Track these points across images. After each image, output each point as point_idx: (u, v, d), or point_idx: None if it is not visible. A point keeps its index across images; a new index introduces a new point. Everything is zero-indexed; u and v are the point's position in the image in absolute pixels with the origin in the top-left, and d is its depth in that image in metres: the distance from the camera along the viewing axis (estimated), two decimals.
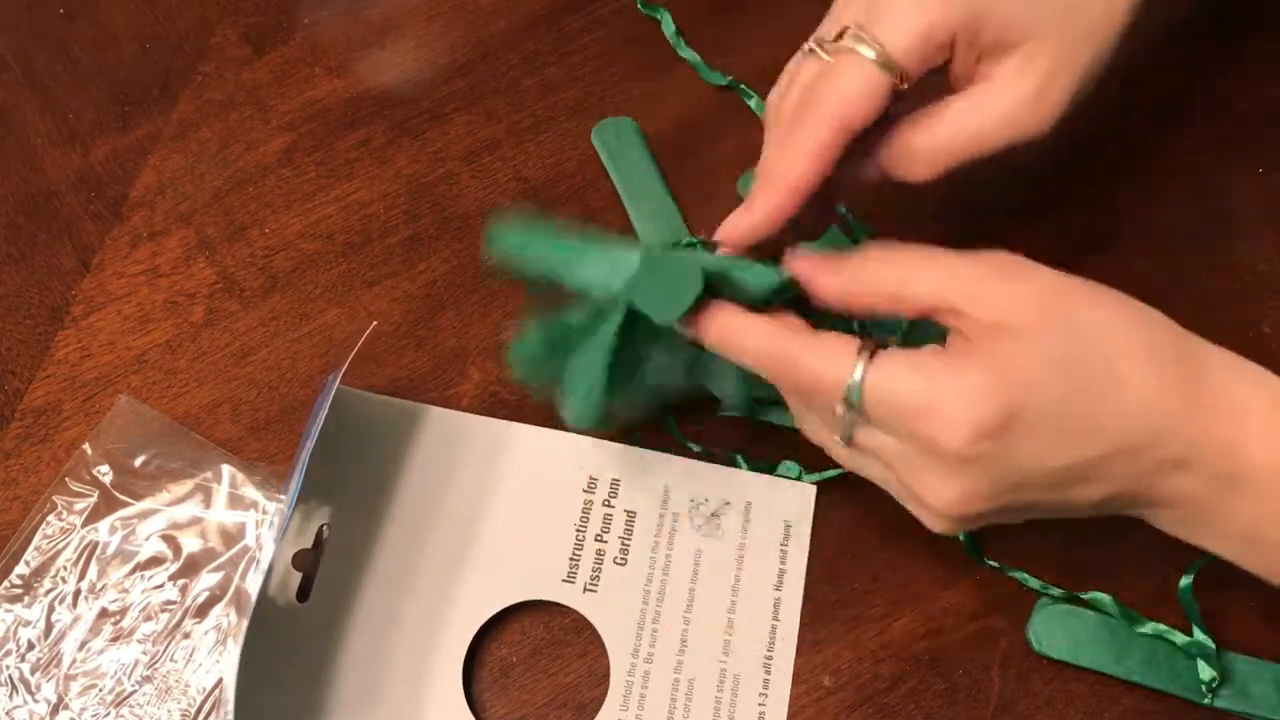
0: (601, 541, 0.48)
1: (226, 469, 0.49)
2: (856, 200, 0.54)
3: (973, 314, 0.36)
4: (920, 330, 0.46)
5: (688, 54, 0.58)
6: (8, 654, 0.46)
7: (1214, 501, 0.37)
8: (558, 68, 0.58)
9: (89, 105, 0.57)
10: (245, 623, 0.42)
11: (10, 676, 0.46)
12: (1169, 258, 0.54)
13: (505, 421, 0.50)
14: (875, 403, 0.37)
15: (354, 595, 0.47)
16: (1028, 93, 0.40)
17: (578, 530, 0.48)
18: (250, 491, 0.49)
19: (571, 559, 0.48)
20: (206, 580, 0.47)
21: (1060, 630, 0.47)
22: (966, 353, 0.36)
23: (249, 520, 0.48)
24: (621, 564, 0.48)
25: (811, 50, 0.41)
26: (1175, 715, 0.46)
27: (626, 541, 0.48)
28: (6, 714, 0.45)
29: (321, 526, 0.47)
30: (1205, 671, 0.45)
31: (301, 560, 0.47)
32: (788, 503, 0.49)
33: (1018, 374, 0.35)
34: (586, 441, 0.50)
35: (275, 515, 0.48)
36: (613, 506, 0.49)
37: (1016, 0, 0.40)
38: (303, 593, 0.46)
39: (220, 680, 0.46)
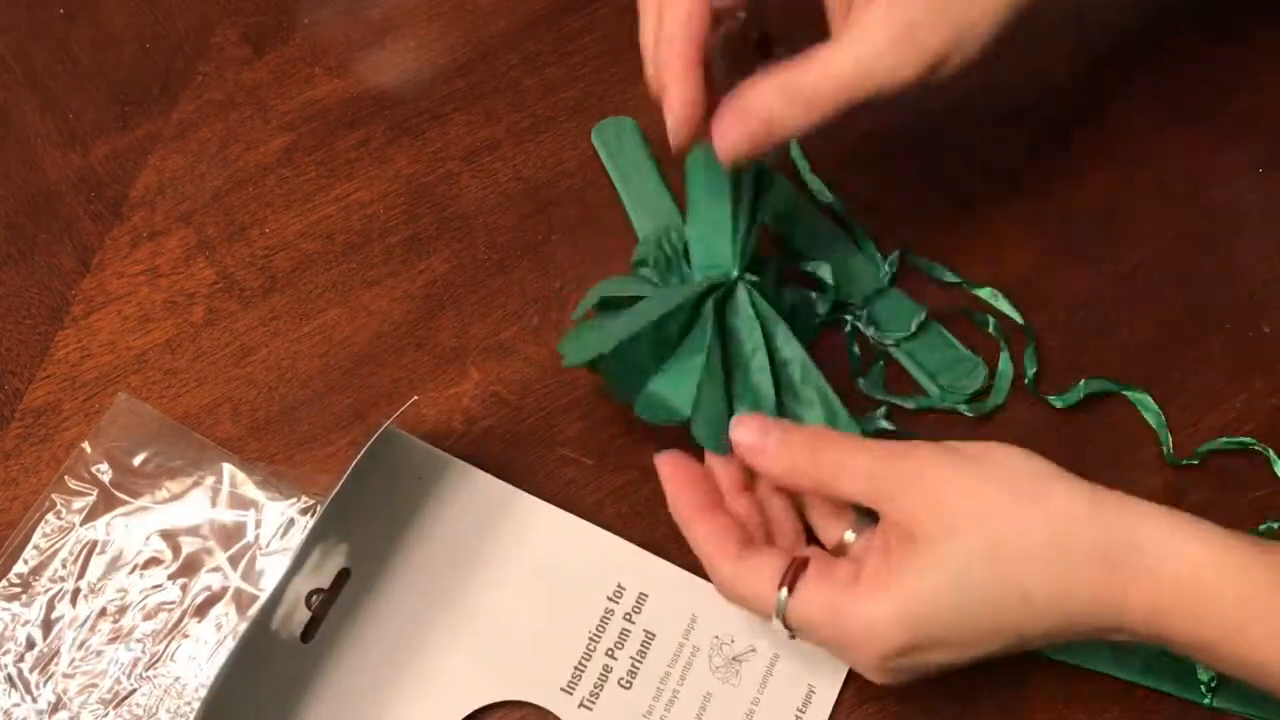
0: (611, 657, 0.46)
1: (226, 468, 0.49)
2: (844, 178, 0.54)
3: (891, 517, 0.39)
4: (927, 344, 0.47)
5: None
6: (6, 653, 0.46)
7: (1147, 637, 0.38)
8: (558, 68, 0.58)
9: (89, 105, 0.57)
10: (238, 641, 0.41)
11: (9, 675, 0.46)
12: (1169, 258, 0.54)
13: (544, 503, 0.48)
14: (800, 627, 0.40)
15: (350, 651, 0.45)
16: (884, 43, 0.41)
17: (591, 638, 0.46)
18: (250, 490, 0.49)
19: (576, 668, 0.45)
20: (206, 580, 0.47)
21: None
22: (877, 575, 0.39)
23: (249, 519, 0.48)
24: (626, 687, 0.45)
25: None
26: (1175, 715, 0.46)
27: (638, 664, 0.46)
28: (4, 713, 0.45)
29: (342, 570, 0.46)
30: (1205, 671, 0.45)
31: (314, 598, 0.46)
32: (818, 665, 0.46)
33: (921, 599, 0.38)
34: (625, 545, 0.47)
35: (282, 519, 0.48)
36: (633, 622, 0.46)
37: None
38: (308, 632, 0.45)
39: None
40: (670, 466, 0.44)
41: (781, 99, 0.41)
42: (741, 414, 0.44)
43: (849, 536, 0.42)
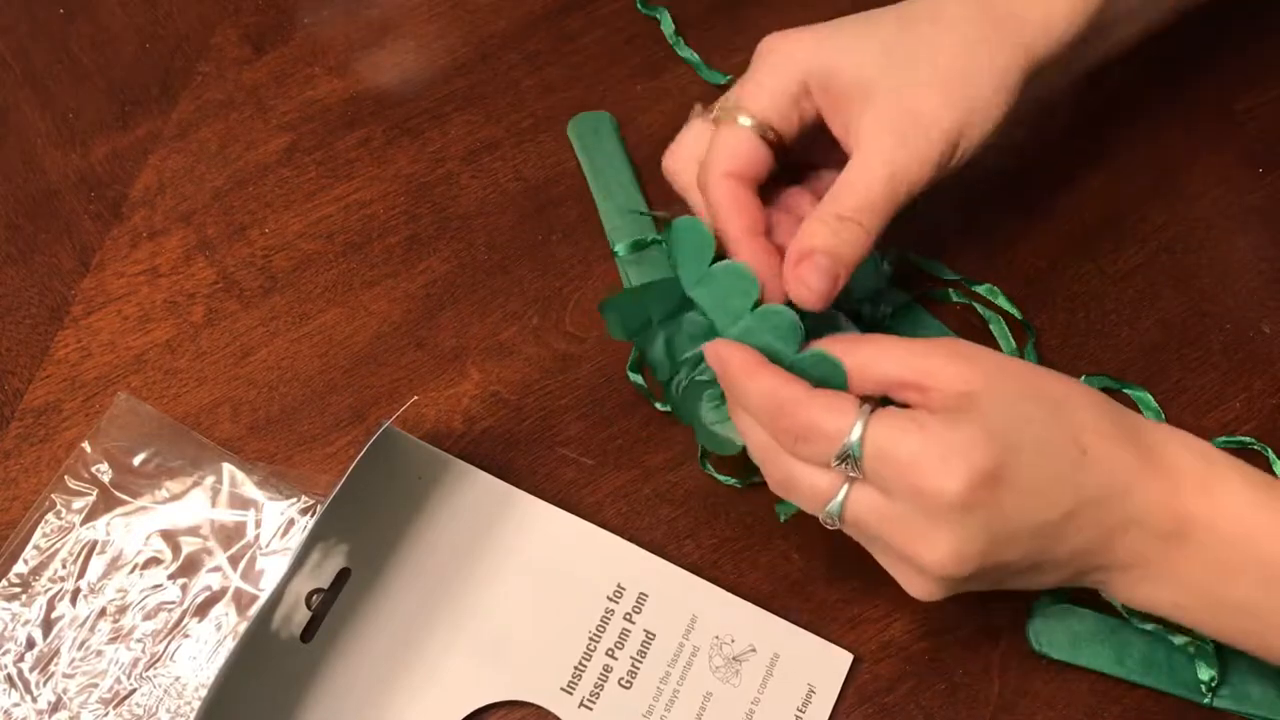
0: (612, 657, 0.46)
1: (226, 468, 0.49)
2: None
3: (937, 387, 0.38)
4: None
5: (687, 53, 0.58)
6: (6, 653, 0.46)
7: (1162, 559, 0.39)
8: (558, 68, 0.58)
9: (89, 105, 0.57)
10: (239, 640, 0.41)
11: (9, 675, 0.46)
12: (1169, 258, 0.54)
13: (544, 503, 0.48)
14: (874, 455, 0.38)
15: (350, 651, 0.45)
16: (893, 139, 0.42)
17: (591, 639, 0.46)
18: (250, 490, 0.49)
19: (577, 668, 0.46)
20: (206, 580, 0.47)
21: (1060, 630, 0.47)
22: (953, 411, 0.38)
23: (249, 519, 0.48)
24: (626, 687, 0.45)
25: (700, 118, 0.45)
26: (1175, 715, 0.46)
27: (638, 664, 0.46)
28: (4, 712, 0.45)
29: (342, 570, 0.46)
30: (1205, 671, 0.45)
31: (314, 597, 0.46)
32: (818, 664, 0.46)
33: (1007, 431, 0.37)
34: (625, 545, 0.47)
35: (282, 519, 0.48)
36: (633, 622, 0.46)
37: (858, 52, 0.43)
38: (308, 631, 0.45)
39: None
40: (722, 344, 0.43)
41: (837, 235, 0.42)
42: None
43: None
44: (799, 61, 0.43)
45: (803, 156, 0.46)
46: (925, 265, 0.53)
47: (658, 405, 0.50)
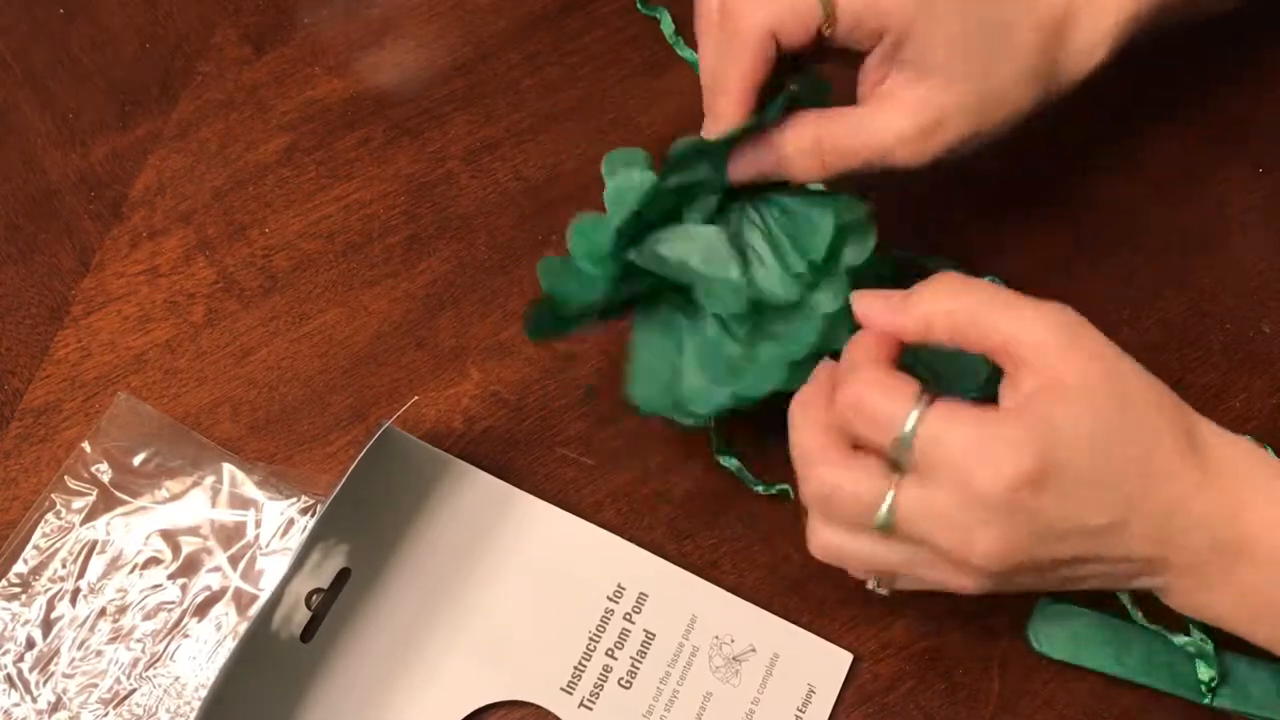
0: (611, 657, 0.46)
1: (226, 468, 0.49)
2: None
3: (1036, 365, 0.38)
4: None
5: (687, 53, 0.58)
6: (6, 653, 0.46)
7: (1220, 570, 0.38)
8: (558, 68, 0.58)
9: (89, 105, 0.57)
10: (239, 640, 0.41)
11: (9, 675, 0.46)
12: (1169, 258, 0.54)
13: (544, 503, 0.48)
14: (926, 443, 0.38)
15: (350, 651, 0.45)
16: (913, 130, 0.43)
17: (591, 638, 0.46)
18: (250, 490, 0.49)
19: (576, 668, 0.46)
20: (206, 580, 0.47)
21: (1060, 630, 0.47)
22: (1017, 406, 0.38)
23: (249, 519, 0.48)
24: (626, 687, 0.45)
25: None
26: (1175, 715, 0.46)
27: (638, 664, 0.46)
28: (4, 712, 0.45)
29: (342, 570, 0.46)
30: (1205, 671, 0.45)
31: (314, 597, 0.46)
32: (818, 664, 0.46)
33: (1061, 434, 0.37)
34: (625, 545, 0.47)
35: (282, 519, 0.48)
36: (633, 622, 0.46)
37: (948, 36, 0.42)
38: (308, 631, 0.45)
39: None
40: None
41: (801, 147, 0.43)
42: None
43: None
44: (903, 4, 0.42)
45: None
46: (925, 262, 0.53)
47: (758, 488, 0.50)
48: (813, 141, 0.43)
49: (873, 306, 0.41)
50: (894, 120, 0.43)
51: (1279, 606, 0.39)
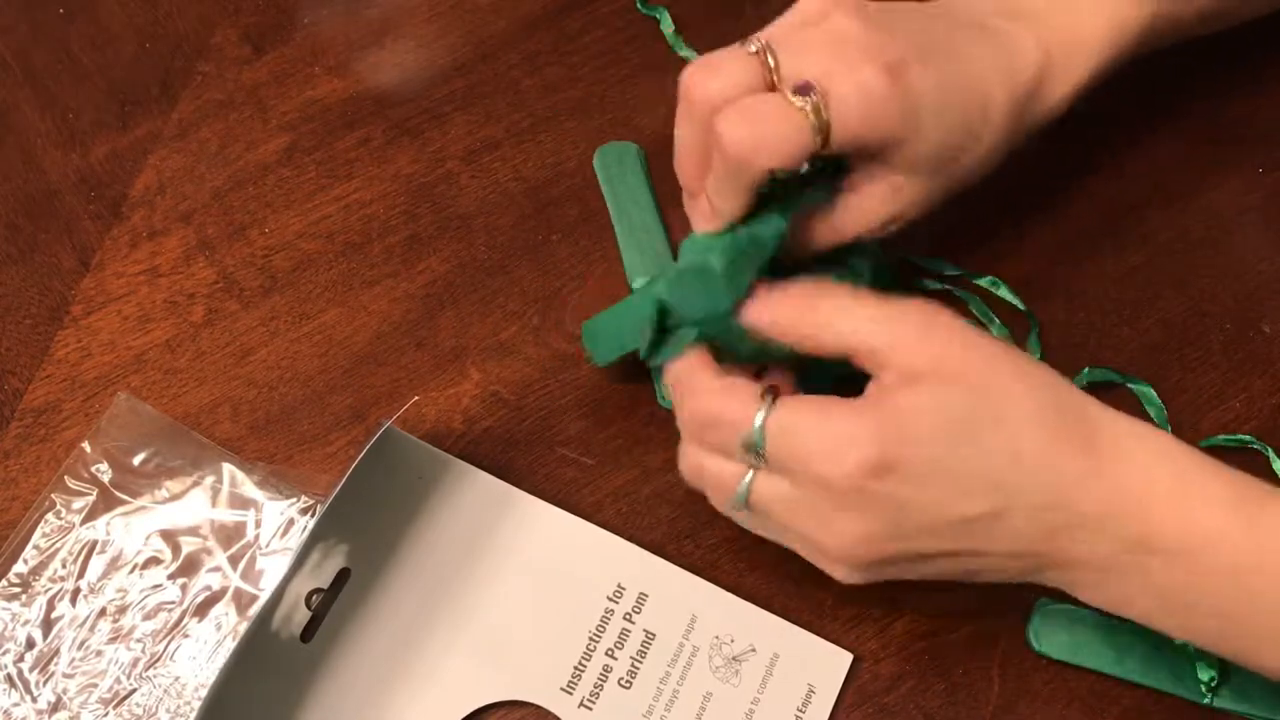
0: (611, 657, 0.46)
1: (226, 468, 0.49)
2: None
3: (892, 360, 0.38)
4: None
5: (687, 53, 0.58)
6: (6, 653, 0.46)
7: (1127, 564, 0.38)
8: (558, 68, 0.58)
9: (89, 105, 0.57)
10: (239, 640, 0.41)
11: (9, 675, 0.46)
12: (1169, 258, 0.54)
13: (544, 503, 0.48)
14: (775, 437, 0.38)
15: (350, 651, 0.45)
16: (881, 220, 0.44)
17: (591, 638, 0.46)
18: (250, 490, 0.49)
19: (576, 668, 0.45)
20: (206, 580, 0.47)
21: (1060, 630, 0.47)
22: (868, 400, 0.38)
23: (249, 519, 0.48)
24: (626, 687, 0.45)
25: (755, 53, 0.41)
26: (1175, 715, 0.46)
27: (638, 664, 0.46)
28: (4, 712, 0.45)
29: (342, 570, 0.46)
30: (1205, 672, 0.45)
31: (314, 597, 0.46)
32: (818, 664, 0.46)
33: (909, 422, 0.37)
34: (625, 545, 0.47)
35: (282, 519, 0.48)
36: (633, 622, 0.46)
37: (930, 145, 0.42)
38: (308, 631, 0.45)
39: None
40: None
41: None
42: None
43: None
44: (893, 117, 0.43)
45: None
46: (925, 263, 0.53)
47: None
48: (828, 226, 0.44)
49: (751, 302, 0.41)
50: (863, 216, 0.44)
51: (1193, 602, 0.38)
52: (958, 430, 0.37)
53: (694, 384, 0.41)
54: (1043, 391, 0.38)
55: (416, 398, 0.50)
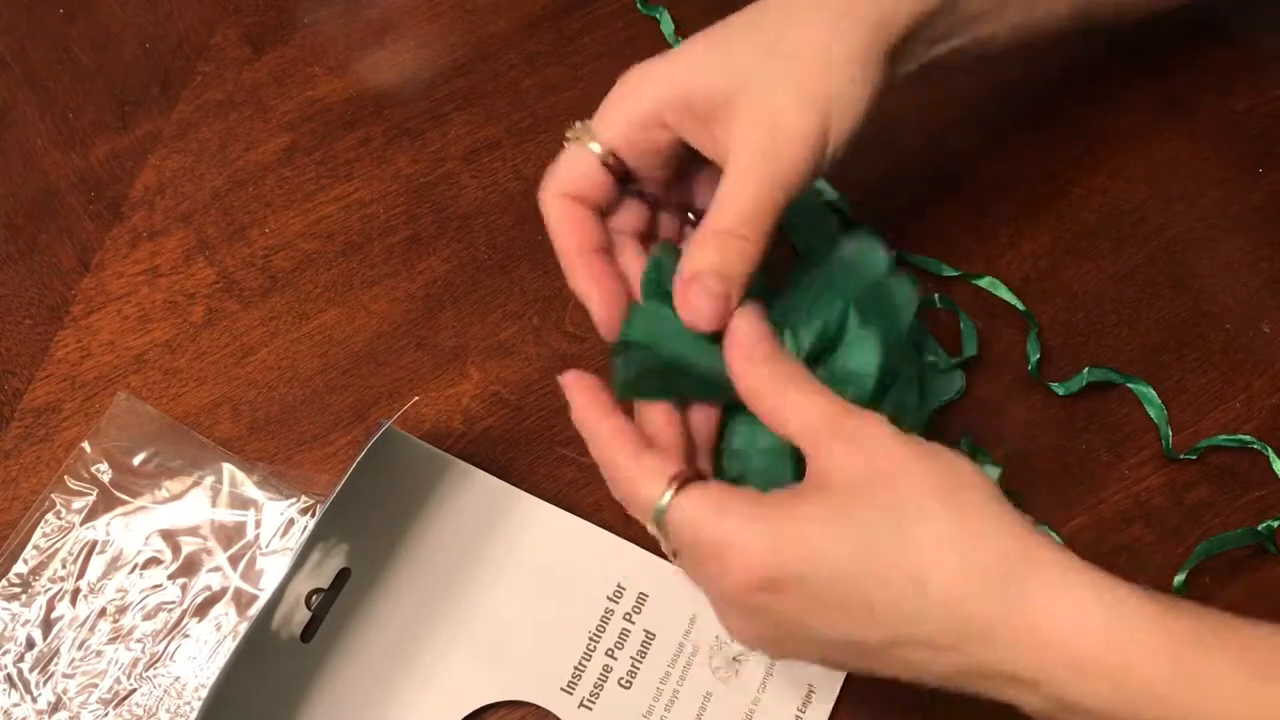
0: (611, 657, 0.46)
1: (226, 468, 0.49)
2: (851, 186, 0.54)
3: (818, 464, 0.37)
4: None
5: None
6: (6, 653, 0.46)
7: (1055, 712, 0.35)
8: (558, 68, 0.58)
9: (89, 105, 0.57)
10: (239, 640, 0.41)
11: (9, 675, 0.46)
12: (1169, 258, 0.54)
13: (544, 503, 0.48)
14: (674, 529, 0.38)
15: (350, 651, 0.45)
16: (759, 147, 0.41)
17: (591, 638, 0.46)
18: (250, 490, 0.49)
19: (577, 668, 0.46)
20: (206, 580, 0.47)
21: None
22: (778, 503, 0.37)
23: (249, 519, 0.48)
24: (626, 687, 0.45)
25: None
26: None
27: (638, 664, 0.46)
28: (4, 712, 0.45)
29: (342, 570, 0.46)
30: None
31: (314, 597, 0.46)
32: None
33: (808, 542, 0.36)
34: (625, 545, 0.47)
35: (282, 519, 0.48)
36: (633, 622, 0.46)
37: (711, 68, 0.41)
38: (308, 631, 0.45)
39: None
40: (573, 379, 0.42)
41: (721, 253, 0.40)
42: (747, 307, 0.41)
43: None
44: (650, 92, 0.42)
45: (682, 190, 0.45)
46: (924, 264, 0.53)
47: None
48: (722, 238, 0.41)
49: (738, 363, 0.40)
50: (742, 161, 0.41)
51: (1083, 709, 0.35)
52: (858, 550, 0.35)
53: (612, 458, 0.40)
54: (967, 515, 0.35)
55: (416, 398, 0.50)
